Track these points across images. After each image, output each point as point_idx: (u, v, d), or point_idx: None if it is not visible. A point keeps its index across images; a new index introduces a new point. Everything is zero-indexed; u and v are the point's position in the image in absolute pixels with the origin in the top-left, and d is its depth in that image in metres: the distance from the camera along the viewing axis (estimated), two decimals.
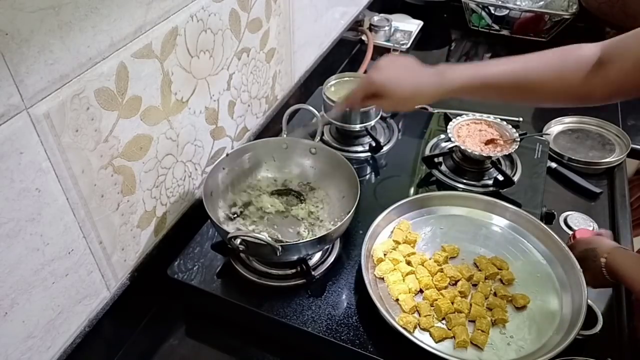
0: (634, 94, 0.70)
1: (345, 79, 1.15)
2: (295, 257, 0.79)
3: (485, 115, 1.09)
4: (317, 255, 0.86)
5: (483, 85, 0.75)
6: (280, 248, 0.72)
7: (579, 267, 0.79)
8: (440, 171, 1.05)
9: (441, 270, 0.82)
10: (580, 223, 1.01)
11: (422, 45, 1.66)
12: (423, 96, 0.77)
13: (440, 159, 1.08)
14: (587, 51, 0.73)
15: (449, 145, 1.10)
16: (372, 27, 1.61)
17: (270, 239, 0.73)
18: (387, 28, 1.61)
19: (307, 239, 0.79)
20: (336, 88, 1.13)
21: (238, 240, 0.73)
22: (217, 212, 0.87)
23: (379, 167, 1.09)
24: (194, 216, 0.91)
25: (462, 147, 1.01)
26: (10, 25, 0.51)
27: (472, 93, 0.79)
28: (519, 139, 1.02)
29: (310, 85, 1.30)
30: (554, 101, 0.87)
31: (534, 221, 0.88)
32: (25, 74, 0.54)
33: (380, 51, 1.57)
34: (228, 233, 0.74)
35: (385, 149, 1.11)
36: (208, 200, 0.83)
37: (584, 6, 1.55)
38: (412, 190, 1.03)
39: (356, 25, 1.57)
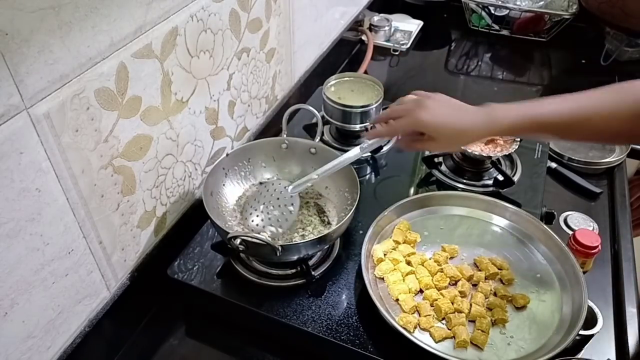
0: None
1: (345, 79, 1.15)
2: (295, 257, 0.79)
3: None
4: (317, 255, 0.86)
5: (534, 125, 0.70)
6: (280, 248, 0.73)
7: (579, 267, 0.79)
8: (440, 171, 1.05)
9: (441, 270, 0.82)
10: (580, 223, 1.01)
11: (422, 45, 1.66)
12: (472, 137, 0.75)
13: (440, 159, 1.08)
14: None
15: None
16: (372, 27, 1.61)
17: (270, 239, 0.73)
18: (387, 28, 1.61)
19: (307, 239, 0.79)
20: (336, 88, 1.13)
21: (238, 240, 0.73)
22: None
23: (379, 167, 1.09)
24: (194, 216, 0.91)
25: (462, 147, 1.01)
26: (10, 25, 0.51)
27: (522, 133, 0.76)
28: (519, 139, 1.02)
29: (310, 85, 1.30)
30: (612, 141, 0.82)
31: (534, 221, 0.88)
32: (25, 74, 0.54)
33: (380, 51, 1.58)
34: (228, 233, 0.74)
35: (385, 149, 1.11)
36: (208, 200, 0.83)
37: (584, 6, 1.55)
38: (412, 190, 1.03)
39: (356, 25, 1.57)
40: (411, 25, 1.68)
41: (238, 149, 0.92)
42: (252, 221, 0.83)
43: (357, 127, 1.09)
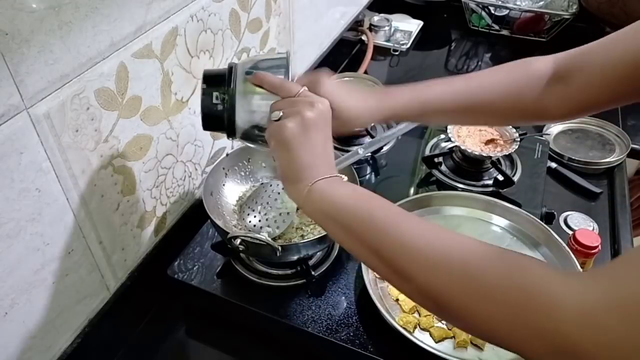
0: (595, 110, 0.65)
1: (345, 79, 1.15)
2: (295, 257, 0.79)
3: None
4: (317, 255, 0.86)
5: (423, 107, 0.67)
6: (280, 248, 0.73)
7: (579, 267, 0.79)
8: (440, 171, 1.05)
9: None
10: (580, 223, 1.01)
11: (422, 45, 1.66)
12: (366, 115, 0.67)
13: (440, 159, 1.08)
14: (538, 66, 0.66)
15: (449, 145, 1.10)
16: (372, 27, 1.61)
17: (270, 239, 0.73)
18: (387, 28, 1.61)
19: (307, 239, 0.79)
20: None
21: (238, 241, 0.73)
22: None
23: (379, 167, 1.09)
24: (194, 216, 0.91)
25: (462, 147, 1.01)
26: (10, 25, 0.51)
27: (416, 116, 0.71)
28: (519, 139, 1.02)
29: None
30: (505, 121, 0.77)
31: (534, 221, 0.88)
32: (25, 74, 0.54)
33: (380, 51, 1.58)
34: (228, 233, 0.74)
35: (385, 149, 1.11)
36: (208, 200, 0.83)
37: (584, 6, 1.55)
38: (412, 190, 1.03)
39: (356, 25, 1.57)
40: (411, 25, 1.68)
41: (238, 149, 0.92)
42: (250, 222, 0.83)
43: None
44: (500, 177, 1.00)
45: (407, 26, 1.67)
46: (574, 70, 0.63)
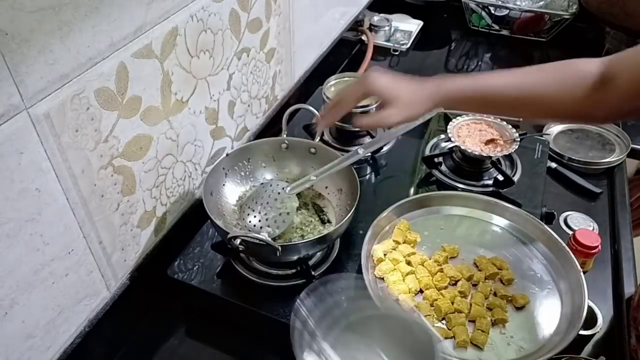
0: (638, 114, 0.66)
1: (345, 79, 1.15)
2: (295, 257, 0.79)
3: (485, 115, 1.09)
4: (317, 255, 0.86)
5: (478, 95, 0.71)
6: (280, 248, 0.72)
7: (579, 267, 0.79)
8: (440, 171, 1.05)
9: (441, 270, 0.82)
10: (580, 223, 1.01)
11: (422, 45, 1.65)
12: (422, 102, 0.72)
13: (440, 159, 1.08)
14: (588, 66, 0.67)
15: (449, 145, 1.10)
16: (372, 27, 1.61)
17: (270, 239, 0.73)
18: (387, 28, 1.61)
19: (307, 239, 0.79)
20: (336, 88, 1.13)
21: (238, 241, 0.73)
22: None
23: (379, 167, 1.09)
24: (194, 216, 0.91)
25: (462, 147, 1.01)
26: (10, 25, 0.51)
27: (469, 104, 0.75)
28: (519, 139, 1.02)
29: (310, 85, 1.30)
30: (552, 116, 0.82)
31: (534, 221, 0.88)
32: (25, 74, 0.54)
33: (380, 51, 1.58)
34: (228, 233, 0.74)
35: (385, 149, 1.11)
36: (208, 200, 0.83)
37: (584, 6, 1.55)
38: (412, 190, 1.03)
39: (356, 25, 1.57)
40: (411, 25, 1.68)
41: (238, 149, 0.92)
42: (250, 222, 0.83)
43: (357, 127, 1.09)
44: (500, 177, 1.00)
45: (407, 26, 1.67)
46: (620, 71, 0.64)
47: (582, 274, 0.78)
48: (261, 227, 0.82)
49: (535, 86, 0.69)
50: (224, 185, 0.90)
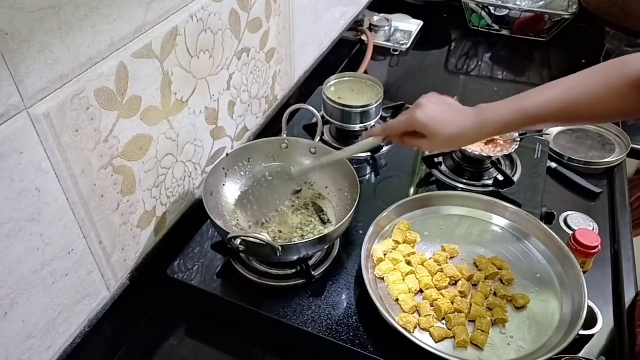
0: None
1: (345, 79, 1.15)
2: (295, 257, 0.79)
3: None
4: (317, 255, 0.86)
5: (525, 119, 0.70)
6: (280, 248, 0.72)
7: (579, 267, 0.79)
8: (440, 171, 1.05)
9: (441, 270, 0.82)
10: (580, 223, 1.01)
11: (422, 45, 1.66)
12: (465, 139, 0.74)
13: (440, 159, 1.08)
14: (636, 65, 0.65)
15: None
16: (372, 27, 1.61)
17: (270, 239, 0.73)
18: (387, 28, 1.61)
19: (307, 239, 0.79)
20: (336, 88, 1.13)
21: (238, 241, 0.73)
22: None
23: (379, 167, 1.09)
24: (194, 216, 0.91)
25: (462, 147, 1.01)
26: (10, 25, 0.51)
27: (516, 129, 0.76)
28: (519, 139, 1.02)
29: (310, 85, 1.30)
30: (606, 120, 0.81)
31: (534, 221, 0.88)
32: (25, 74, 0.54)
33: (380, 51, 1.58)
34: (228, 233, 0.74)
35: (385, 149, 1.11)
36: (208, 200, 0.83)
37: (584, 6, 1.55)
38: (412, 190, 1.03)
39: (356, 25, 1.57)
40: (411, 25, 1.68)
41: (238, 149, 0.92)
42: (249, 221, 0.83)
43: (357, 127, 1.09)
44: (500, 177, 1.00)
45: (407, 26, 1.68)
46: None
47: (582, 274, 0.78)
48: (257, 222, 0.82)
49: (581, 97, 0.68)
50: (224, 185, 0.91)
